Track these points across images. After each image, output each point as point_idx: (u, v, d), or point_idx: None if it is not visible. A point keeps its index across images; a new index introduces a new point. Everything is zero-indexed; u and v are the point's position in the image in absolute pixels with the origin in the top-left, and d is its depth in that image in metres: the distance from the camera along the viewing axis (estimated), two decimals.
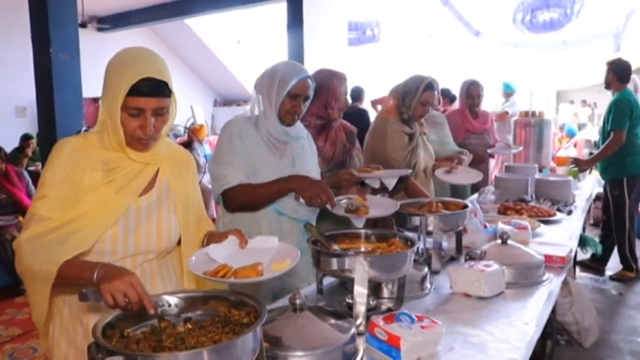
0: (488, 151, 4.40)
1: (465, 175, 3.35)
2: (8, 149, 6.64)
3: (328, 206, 2.04)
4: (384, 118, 3.28)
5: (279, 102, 2.18)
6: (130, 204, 1.57)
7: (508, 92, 7.56)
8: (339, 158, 2.69)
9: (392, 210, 2.17)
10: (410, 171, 2.80)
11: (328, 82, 2.69)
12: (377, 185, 2.56)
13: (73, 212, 1.50)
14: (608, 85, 5.03)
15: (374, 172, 2.51)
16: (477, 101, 4.61)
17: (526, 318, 1.75)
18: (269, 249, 1.56)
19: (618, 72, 4.94)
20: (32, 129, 7.52)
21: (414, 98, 3.14)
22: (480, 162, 4.18)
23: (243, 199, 2.15)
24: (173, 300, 1.28)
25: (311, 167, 2.36)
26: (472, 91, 4.59)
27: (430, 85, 3.15)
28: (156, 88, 1.49)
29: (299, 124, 2.34)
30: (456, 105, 5.58)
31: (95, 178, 1.54)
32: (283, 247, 1.58)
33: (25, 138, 7.26)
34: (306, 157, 2.34)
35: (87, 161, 1.55)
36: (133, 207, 1.58)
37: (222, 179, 2.16)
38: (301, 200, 2.08)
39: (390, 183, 2.56)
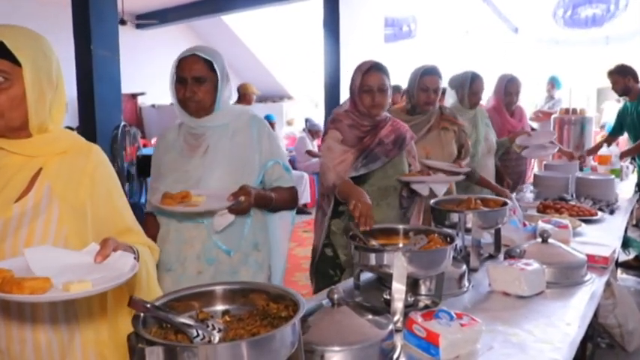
0: (522, 153, 4.22)
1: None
2: None
3: None
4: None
5: (173, 91, 2.09)
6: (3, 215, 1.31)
7: (557, 87, 7.39)
8: (370, 147, 2.53)
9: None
10: (462, 177, 2.67)
11: (351, 79, 2.57)
12: (426, 192, 2.46)
13: None
14: (626, 92, 4.87)
15: (419, 177, 2.42)
16: (515, 99, 4.30)
17: (568, 318, 1.71)
18: (113, 269, 1.19)
19: (632, 73, 4.78)
20: (73, 124, 7.68)
21: (414, 86, 3.04)
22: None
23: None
24: None
25: (227, 157, 2.09)
26: (511, 89, 4.24)
27: (428, 71, 3.02)
28: None
29: (230, 110, 2.16)
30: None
31: None
32: (124, 271, 1.19)
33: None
34: (224, 146, 2.09)
35: None
36: (1, 217, 1.31)
37: (150, 199, 2.16)
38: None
39: (439, 190, 2.45)
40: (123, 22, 9.07)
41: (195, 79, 2.02)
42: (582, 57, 10.80)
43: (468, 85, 3.66)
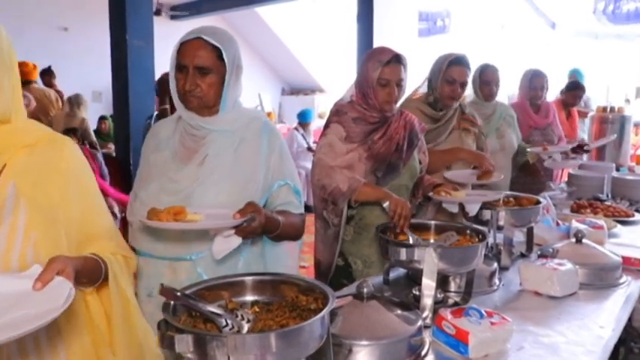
0: (546, 164, 4.03)
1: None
2: None
3: None
4: (404, 102, 2.67)
5: (173, 79, 1.72)
6: None
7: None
8: (387, 157, 2.28)
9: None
10: (502, 194, 2.32)
11: (363, 66, 2.28)
12: (455, 210, 2.27)
13: None
14: None
15: (454, 196, 2.23)
16: (540, 94, 4.08)
17: (601, 321, 1.67)
18: (46, 302, 0.99)
19: None
20: (107, 113, 7.85)
21: (438, 77, 2.70)
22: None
23: None
24: None
25: (228, 173, 1.71)
26: (536, 83, 4.03)
27: (456, 60, 2.68)
28: None
29: (240, 114, 1.79)
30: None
31: None
32: (55, 306, 0.97)
33: (101, 118, 7.91)
34: (226, 158, 1.72)
35: None
36: None
37: (130, 207, 1.80)
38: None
39: (473, 209, 2.22)
40: (158, 13, 9.20)
41: (198, 68, 1.66)
42: (623, 51, 10.50)
43: (478, 76, 3.46)
